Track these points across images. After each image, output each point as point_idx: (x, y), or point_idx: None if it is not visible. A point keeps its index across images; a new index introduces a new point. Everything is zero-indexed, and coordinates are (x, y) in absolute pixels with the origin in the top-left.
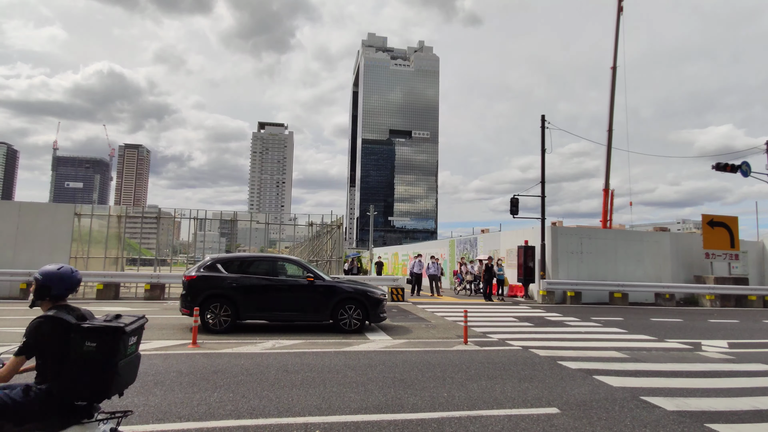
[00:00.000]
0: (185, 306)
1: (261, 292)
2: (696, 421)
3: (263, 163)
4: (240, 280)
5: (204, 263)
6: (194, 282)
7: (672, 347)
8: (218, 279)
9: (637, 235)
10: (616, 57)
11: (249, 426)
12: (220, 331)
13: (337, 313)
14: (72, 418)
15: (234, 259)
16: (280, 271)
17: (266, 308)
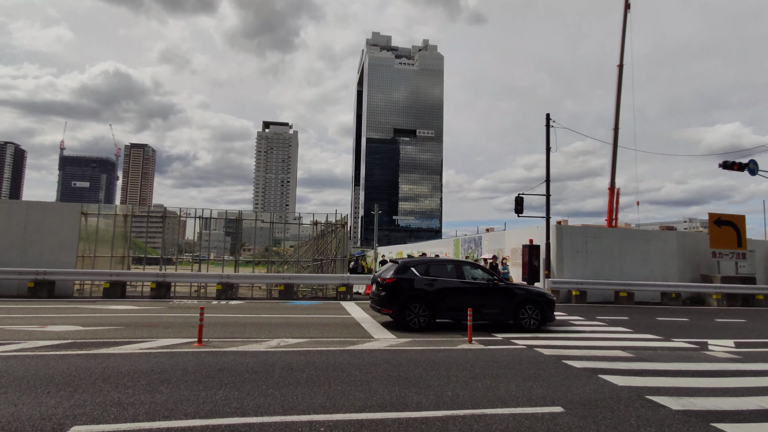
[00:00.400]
0: (387, 306)
1: (453, 293)
2: (702, 420)
3: (268, 163)
4: (434, 282)
5: (397, 266)
6: (394, 284)
7: (678, 346)
8: (414, 281)
9: (643, 234)
10: (622, 55)
11: (254, 424)
12: (418, 330)
13: (519, 313)
14: None
15: (423, 262)
16: (462, 273)
17: (457, 308)
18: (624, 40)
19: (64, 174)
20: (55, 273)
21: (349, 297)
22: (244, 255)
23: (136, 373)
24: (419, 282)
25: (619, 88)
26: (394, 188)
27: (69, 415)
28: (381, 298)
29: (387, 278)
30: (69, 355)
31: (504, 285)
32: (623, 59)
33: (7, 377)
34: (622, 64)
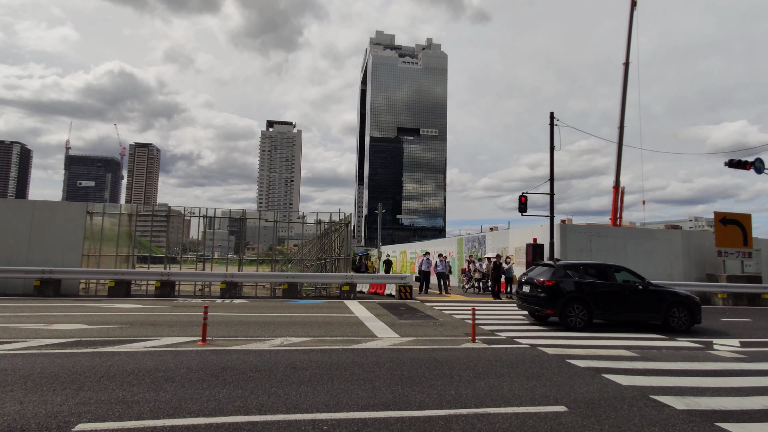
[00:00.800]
0: (547, 307)
1: (609, 295)
2: (706, 420)
3: (272, 162)
4: (591, 285)
5: (554, 270)
6: (554, 287)
7: (683, 346)
8: (573, 284)
9: (648, 233)
10: (628, 52)
11: (257, 422)
12: (578, 329)
13: (668, 314)
14: None
15: (578, 266)
16: (612, 276)
17: (612, 309)
18: (630, 38)
19: (70, 173)
20: (61, 272)
21: (353, 296)
22: (248, 254)
23: (140, 372)
24: (577, 284)
25: (625, 86)
26: (397, 187)
27: (74, 413)
28: (540, 300)
29: (546, 281)
30: (74, 354)
31: (654, 288)
32: (629, 57)
33: (14, 375)
34: (628, 62)
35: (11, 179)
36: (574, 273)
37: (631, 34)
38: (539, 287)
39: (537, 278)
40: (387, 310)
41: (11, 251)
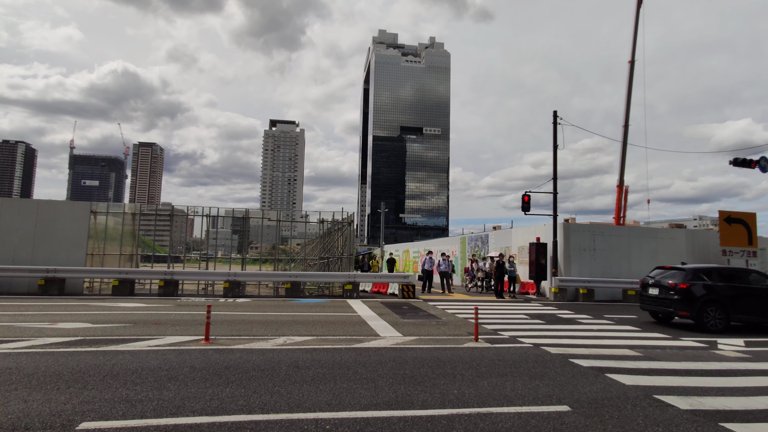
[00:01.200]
0: (683, 309)
1: (744, 298)
2: (710, 420)
3: (275, 161)
4: (726, 287)
5: (685, 273)
6: (689, 290)
7: (687, 345)
8: (708, 287)
9: (652, 232)
10: (634, 51)
11: (260, 421)
12: (715, 331)
13: None
14: None
15: (711, 270)
16: (747, 279)
17: (747, 311)
18: (636, 36)
19: (74, 173)
20: (65, 271)
21: (356, 295)
22: (252, 253)
23: (144, 371)
24: (711, 288)
25: (630, 84)
26: (400, 186)
27: (78, 412)
28: (673, 302)
29: (680, 284)
30: (79, 352)
31: None
32: (635, 55)
33: (18, 374)
34: (634, 60)
35: (16, 179)
36: (708, 276)
37: (637, 32)
38: (672, 290)
39: (667, 281)
40: (390, 309)
41: (16, 250)
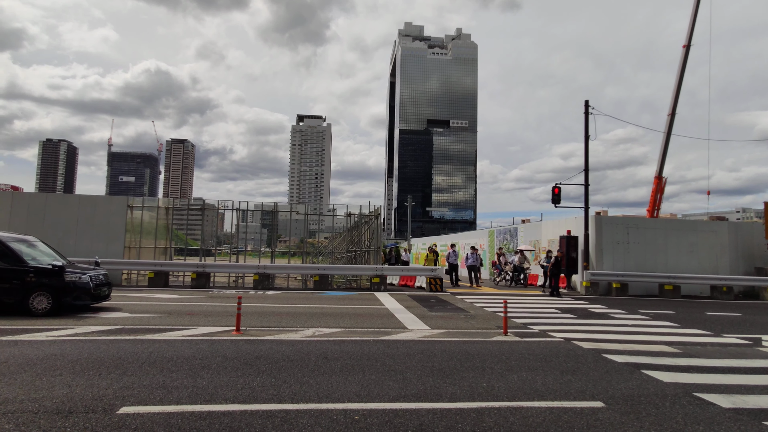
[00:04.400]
0: None
1: None
2: (754, 419)
3: (302, 155)
4: None
5: None
6: None
7: (729, 342)
8: None
9: (690, 225)
10: (691, 35)
11: (290, 410)
12: None
13: None
14: None
15: None
16: None
17: None
18: (695, 19)
19: (113, 169)
20: (105, 262)
21: (383, 288)
22: (280, 246)
23: (179, 359)
24: None
25: (682, 70)
26: (427, 180)
27: (119, 396)
28: None
29: None
30: (118, 340)
31: None
32: (691, 39)
33: (62, 360)
34: (689, 45)
35: (59, 175)
36: None
37: (697, 15)
38: None
39: None
40: (417, 302)
41: (60, 243)
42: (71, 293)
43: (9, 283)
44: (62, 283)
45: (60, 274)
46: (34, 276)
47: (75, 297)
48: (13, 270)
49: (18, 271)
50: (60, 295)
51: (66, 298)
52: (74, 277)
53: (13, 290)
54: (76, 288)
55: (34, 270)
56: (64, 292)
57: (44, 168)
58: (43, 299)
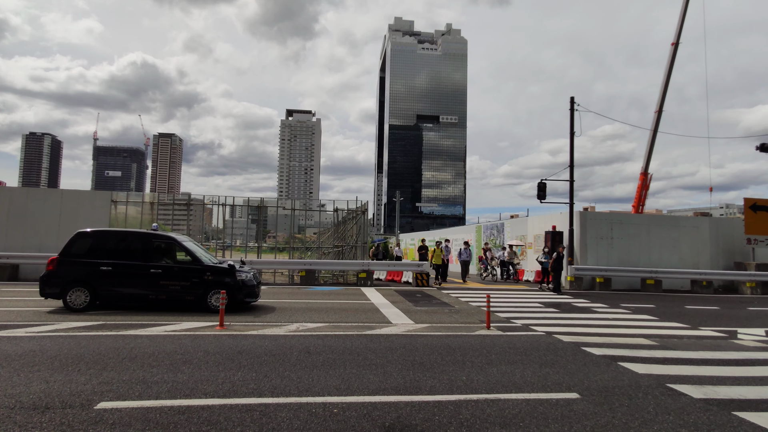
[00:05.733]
0: None
1: None
2: (723, 409)
3: (291, 150)
4: None
5: None
6: None
7: (705, 335)
8: None
9: (673, 220)
10: (680, 33)
11: (270, 404)
12: None
13: None
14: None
15: None
16: None
17: None
18: (684, 18)
19: (98, 164)
20: None
21: (370, 283)
22: (269, 242)
23: (160, 354)
24: None
25: (670, 68)
26: (417, 175)
27: (97, 392)
28: None
29: None
30: (99, 336)
31: None
32: (680, 37)
33: (41, 356)
34: (678, 43)
35: (43, 170)
36: None
37: (686, 13)
38: None
39: None
40: (403, 297)
41: (42, 238)
42: (242, 291)
43: (189, 281)
44: (234, 281)
45: (233, 273)
46: (211, 275)
47: (246, 294)
48: (192, 269)
49: (196, 270)
50: (234, 293)
51: (238, 296)
52: (243, 275)
53: (193, 287)
54: (245, 286)
55: (210, 269)
56: (237, 289)
57: (27, 162)
58: (220, 297)
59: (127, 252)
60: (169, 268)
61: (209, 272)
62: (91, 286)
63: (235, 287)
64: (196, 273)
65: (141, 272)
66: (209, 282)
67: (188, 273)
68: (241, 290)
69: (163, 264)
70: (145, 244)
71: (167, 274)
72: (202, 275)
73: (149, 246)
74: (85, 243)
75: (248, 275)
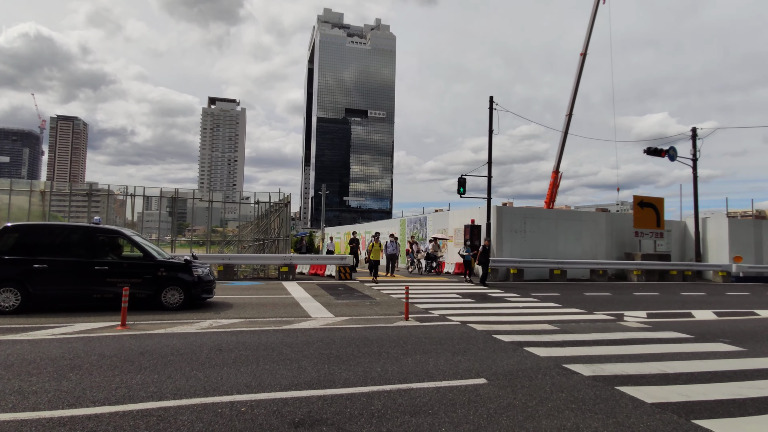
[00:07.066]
0: None
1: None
2: (608, 384)
3: (214, 140)
4: None
5: None
6: None
7: (598, 318)
8: None
9: (577, 215)
10: (587, 44)
11: (170, 407)
12: None
13: None
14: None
15: None
16: None
17: None
18: (591, 30)
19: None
20: None
21: (292, 277)
22: (189, 236)
23: (43, 360)
24: None
25: (579, 75)
26: (345, 169)
27: None
28: None
29: None
30: None
31: None
32: (587, 48)
33: None
34: (586, 53)
35: None
36: None
37: (593, 27)
38: None
39: None
40: (325, 291)
41: None
42: (198, 287)
43: (140, 278)
44: (191, 276)
45: (189, 268)
46: (165, 271)
47: (203, 290)
48: (144, 265)
49: (148, 266)
50: (190, 290)
51: (195, 292)
52: (200, 270)
53: (144, 285)
54: (202, 281)
55: (164, 264)
56: (194, 285)
57: None
58: (176, 293)
59: (67, 248)
60: (117, 264)
61: (163, 268)
62: (23, 286)
63: (192, 283)
64: (148, 269)
65: (83, 270)
66: (163, 278)
67: (139, 269)
68: (198, 286)
69: (109, 260)
70: (88, 239)
71: (114, 272)
72: (155, 271)
73: (93, 241)
74: (10, 239)
75: (205, 270)
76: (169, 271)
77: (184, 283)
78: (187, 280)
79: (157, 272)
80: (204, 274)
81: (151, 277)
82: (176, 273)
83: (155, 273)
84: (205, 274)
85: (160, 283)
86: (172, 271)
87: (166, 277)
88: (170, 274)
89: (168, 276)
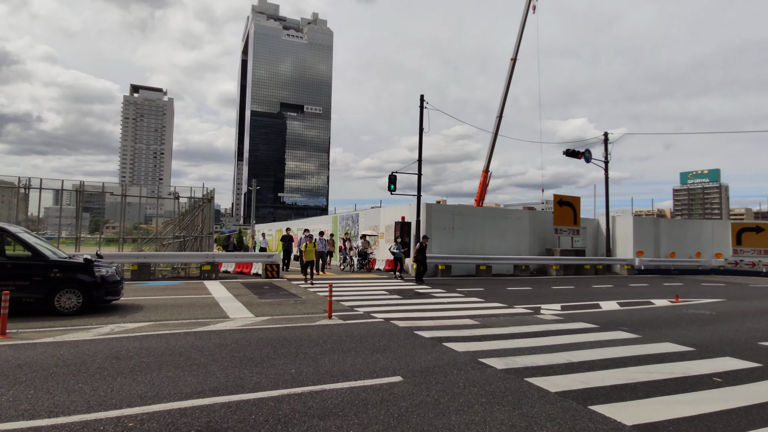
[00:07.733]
0: None
1: None
2: (518, 376)
3: (137, 131)
4: None
5: None
6: None
7: (517, 312)
8: None
9: (503, 213)
10: (517, 49)
11: (42, 427)
12: None
13: None
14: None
15: None
16: None
17: None
18: (521, 37)
19: None
20: None
21: (215, 276)
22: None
23: None
24: None
25: (510, 79)
26: (280, 164)
27: None
28: None
29: None
30: None
31: None
32: (518, 54)
33: None
34: (516, 59)
35: None
36: None
37: (522, 34)
38: None
39: None
40: (249, 290)
41: None
42: (102, 288)
43: (28, 280)
44: (92, 277)
45: (90, 268)
46: (60, 271)
47: (108, 291)
48: (32, 266)
49: (38, 267)
50: (92, 292)
51: (98, 294)
52: (103, 270)
53: (33, 288)
54: (106, 282)
55: (58, 264)
56: (96, 287)
57: None
58: (72, 297)
59: None
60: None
61: (57, 269)
62: None
63: (94, 285)
64: (37, 270)
65: None
66: (57, 280)
67: (26, 270)
68: (101, 287)
69: None
70: None
71: None
72: (46, 272)
73: None
74: None
75: (109, 270)
76: (65, 271)
77: (84, 284)
78: (88, 282)
79: (49, 273)
80: (109, 274)
81: (41, 279)
82: (74, 274)
83: (46, 274)
84: (110, 275)
85: (52, 286)
86: (69, 272)
87: (60, 278)
88: (66, 275)
89: (63, 277)
